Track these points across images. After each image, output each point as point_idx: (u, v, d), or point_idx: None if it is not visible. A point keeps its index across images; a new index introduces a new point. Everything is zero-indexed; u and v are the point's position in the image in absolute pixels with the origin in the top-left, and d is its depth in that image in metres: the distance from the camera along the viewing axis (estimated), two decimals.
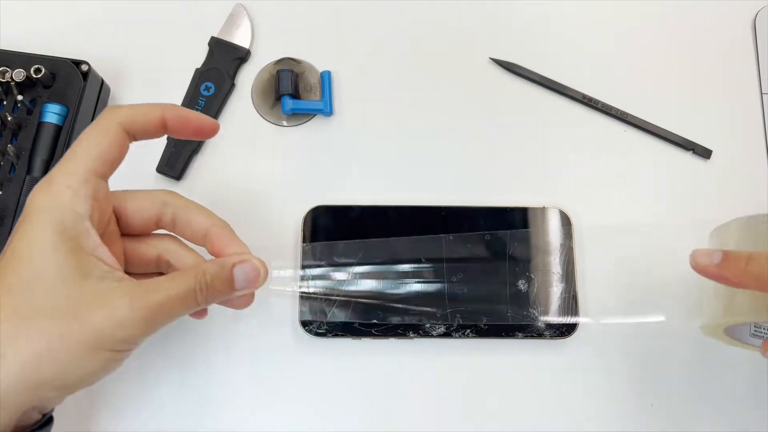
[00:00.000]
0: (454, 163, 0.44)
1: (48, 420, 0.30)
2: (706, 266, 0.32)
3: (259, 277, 0.32)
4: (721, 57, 0.47)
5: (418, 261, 0.40)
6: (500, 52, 0.46)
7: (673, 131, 0.45)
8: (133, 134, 0.31)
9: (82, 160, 0.29)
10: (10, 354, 0.26)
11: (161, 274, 0.34)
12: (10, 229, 0.38)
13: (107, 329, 0.27)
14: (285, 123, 0.45)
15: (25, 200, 0.38)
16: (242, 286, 0.31)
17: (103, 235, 0.30)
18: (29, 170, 0.39)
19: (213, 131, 0.33)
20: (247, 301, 0.33)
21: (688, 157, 0.45)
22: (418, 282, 0.40)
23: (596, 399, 0.40)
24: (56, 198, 0.28)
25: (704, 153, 0.44)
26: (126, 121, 0.31)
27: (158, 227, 0.33)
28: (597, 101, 0.45)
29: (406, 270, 0.40)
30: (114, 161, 0.31)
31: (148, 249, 0.33)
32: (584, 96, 0.45)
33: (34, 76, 0.40)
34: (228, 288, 0.31)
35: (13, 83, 0.40)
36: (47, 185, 0.29)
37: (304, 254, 0.40)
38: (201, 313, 0.34)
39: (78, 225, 0.28)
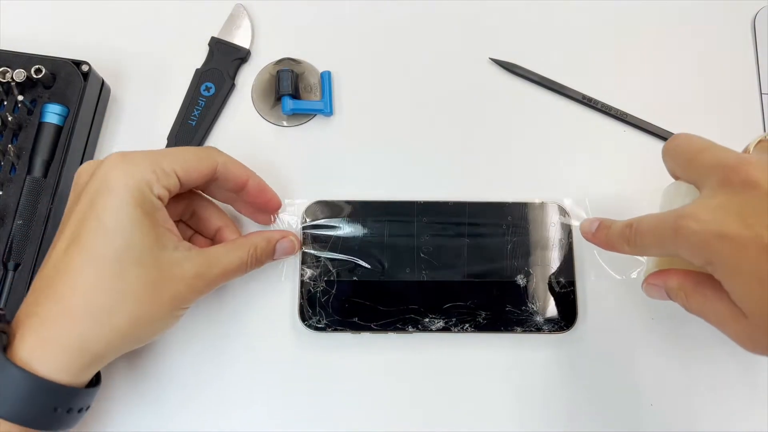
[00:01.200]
0: (455, 164, 0.44)
1: (99, 377, 0.34)
2: (586, 233, 0.36)
3: (294, 250, 0.39)
4: (721, 57, 0.47)
5: (417, 256, 0.40)
6: (500, 52, 0.46)
7: (672, 131, 0.45)
8: (221, 178, 0.36)
9: (171, 160, 0.33)
10: (113, 317, 0.30)
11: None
12: (10, 230, 0.38)
13: (184, 294, 0.32)
14: (285, 123, 0.45)
15: (25, 200, 0.39)
16: (279, 256, 0.39)
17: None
18: (29, 170, 0.39)
19: (277, 208, 0.40)
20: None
21: None
22: (418, 276, 0.40)
23: (595, 394, 0.40)
24: (141, 176, 0.31)
25: None
26: (222, 164, 0.35)
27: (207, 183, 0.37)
28: (596, 101, 0.45)
29: (405, 265, 0.40)
30: (192, 181, 0.34)
31: (182, 202, 0.38)
32: (584, 96, 0.45)
33: (35, 76, 0.40)
34: (269, 259, 0.38)
35: (13, 83, 0.40)
36: (131, 165, 0.32)
37: (304, 249, 0.40)
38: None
39: (154, 201, 0.32)
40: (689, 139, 0.33)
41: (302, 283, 0.40)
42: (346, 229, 0.41)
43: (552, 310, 0.40)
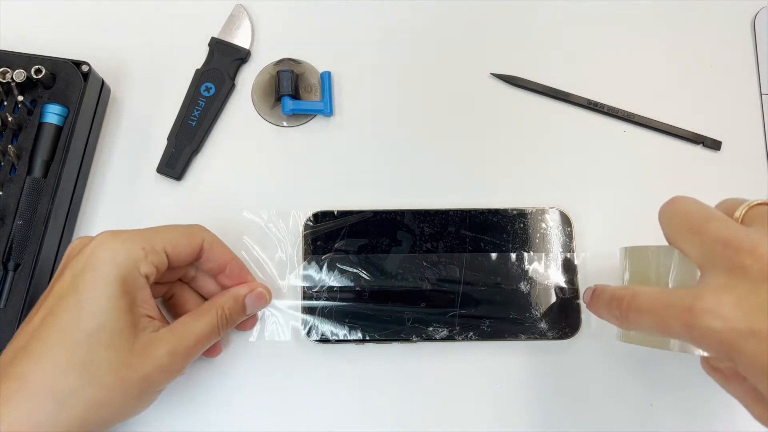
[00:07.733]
0: (456, 165, 0.44)
1: None
2: (586, 302, 0.33)
3: (265, 300, 0.38)
4: (721, 57, 0.47)
5: (420, 265, 0.40)
6: (500, 64, 0.46)
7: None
8: (204, 258, 0.36)
9: (162, 237, 0.33)
10: (75, 402, 0.29)
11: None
12: (10, 230, 0.38)
13: (154, 376, 0.31)
14: (285, 123, 0.45)
15: (25, 201, 0.38)
16: (251, 310, 0.37)
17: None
18: (30, 171, 0.39)
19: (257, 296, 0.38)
20: (252, 322, 0.40)
21: (698, 149, 0.44)
22: (421, 286, 0.40)
23: (598, 399, 0.40)
24: (128, 254, 0.31)
25: (714, 145, 0.44)
26: (207, 241, 0.35)
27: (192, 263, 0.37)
28: (602, 105, 0.45)
29: (408, 274, 0.40)
30: (180, 259, 0.34)
31: (163, 288, 0.38)
32: (589, 101, 0.45)
33: (35, 76, 0.40)
34: (241, 315, 0.37)
35: (13, 84, 0.40)
36: (121, 241, 0.32)
37: (305, 259, 0.40)
38: (214, 351, 0.39)
39: (138, 281, 0.32)
40: (690, 206, 0.30)
41: (305, 294, 0.40)
42: (347, 239, 0.41)
43: (556, 316, 0.40)
